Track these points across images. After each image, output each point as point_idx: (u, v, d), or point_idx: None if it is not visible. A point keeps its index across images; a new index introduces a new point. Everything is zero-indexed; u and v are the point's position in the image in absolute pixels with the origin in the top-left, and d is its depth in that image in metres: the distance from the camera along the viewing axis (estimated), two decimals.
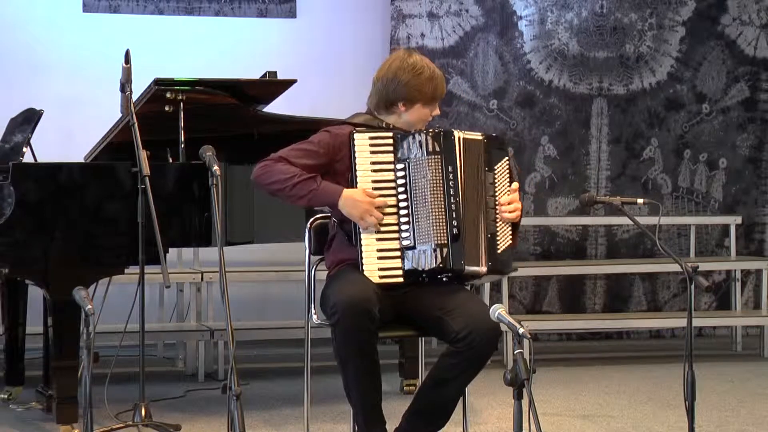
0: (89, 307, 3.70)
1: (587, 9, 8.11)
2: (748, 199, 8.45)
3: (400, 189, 4.47)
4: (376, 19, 8.01)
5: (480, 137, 4.61)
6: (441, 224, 4.45)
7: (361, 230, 4.42)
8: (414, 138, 4.49)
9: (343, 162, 4.54)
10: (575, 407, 5.93)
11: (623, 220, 7.70)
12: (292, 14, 7.86)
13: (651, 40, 8.23)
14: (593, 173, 8.21)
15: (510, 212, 4.58)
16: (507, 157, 4.65)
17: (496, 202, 4.57)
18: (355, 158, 4.47)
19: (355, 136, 4.48)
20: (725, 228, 8.24)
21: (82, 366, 3.61)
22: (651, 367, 7.06)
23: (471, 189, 4.52)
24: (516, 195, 4.61)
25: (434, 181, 4.46)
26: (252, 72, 5.95)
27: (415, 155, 4.47)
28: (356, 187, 4.45)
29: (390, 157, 4.49)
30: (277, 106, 5.91)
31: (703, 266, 7.58)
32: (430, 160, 4.47)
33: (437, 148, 4.48)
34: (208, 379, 6.61)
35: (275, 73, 5.77)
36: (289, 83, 5.71)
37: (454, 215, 4.45)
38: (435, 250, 4.43)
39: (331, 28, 7.89)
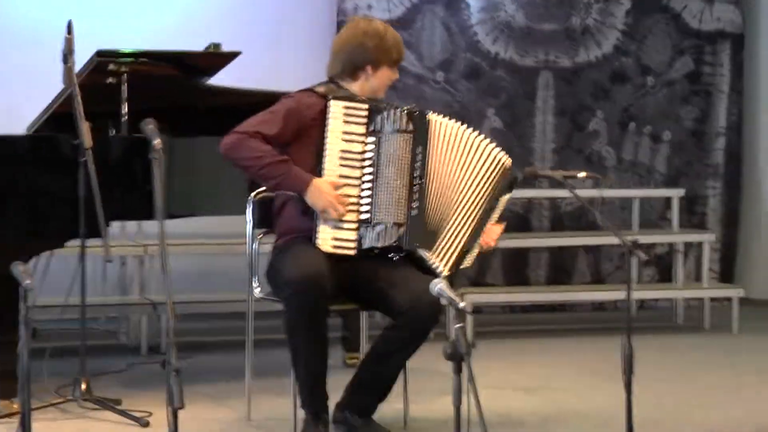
0: (28, 282, 3.68)
1: None
2: (691, 171, 8.51)
3: (367, 162, 4.48)
4: None
5: (509, 162, 4.66)
6: (401, 203, 4.46)
7: (319, 219, 4.42)
8: (388, 113, 4.50)
9: (310, 128, 4.53)
10: (518, 380, 5.96)
11: (567, 193, 7.73)
12: None
13: (597, 12, 8.26)
14: (539, 146, 8.24)
15: (492, 238, 4.64)
16: (510, 195, 4.69)
17: (485, 226, 4.61)
18: (327, 125, 4.47)
19: (331, 102, 4.50)
20: (668, 201, 8.29)
21: (21, 341, 3.58)
22: (594, 340, 7.11)
23: (455, 180, 4.54)
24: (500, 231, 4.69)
25: (401, 160, 4.48)
26: (197, 44, 5.91)
27: (387, 131, 4.48)
28: (324, 154, 4.45)
29: (362, 129, 4.51)
30: (223, 79, 5.88)
31: (646, 239, 7.66)
32: (400, 138, 4.48)
33: (410, 127, 4.50)
34: (151, 353, 6.59)
35: (219, 44, 5.74)
36: (233, 55, 5.68)
37: (416, 196, 4.46)
38: (391, 228, 4.44)
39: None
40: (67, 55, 5.08)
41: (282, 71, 7.46)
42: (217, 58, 5.77)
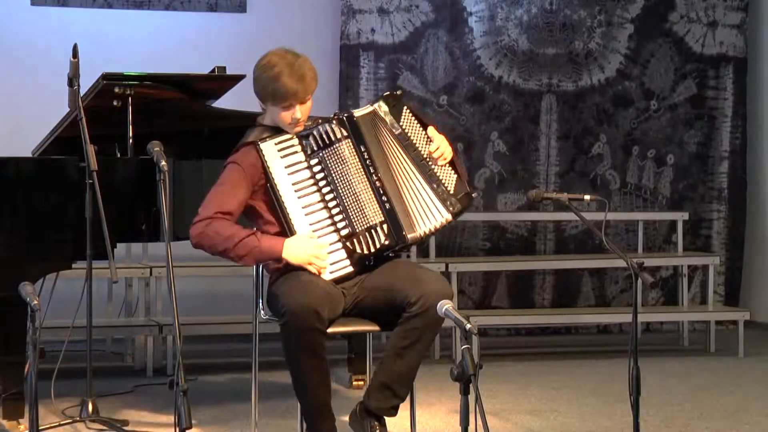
0: (35, 302, 3.68)
1: (537, 5, 8.14)
2: (695, 195, 8.51)
3: (322, 183, 4.51)
4: (326, 14, 8.01)
5: (370, 108, 4.67)
6: (373, 204, 4.51)
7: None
8: (319, 131, 4.54)
9: (261, 181, 4.55)
10: (523, 402, 5.96)
11: (572, 216, 7.70)
12: (242, 8, 7.85)
13: (600, 36, 8.28)
14: (542, 169, 8.25)
15: (441, 156, 4.64)
16: (405, 107, 4.71)
17: (422, 153, 4.62)
18: (268, 167, 4.49)
19: (261, 146, 4.52)
20: (672, 224, 8.30)
21: (29, 362, 3.59)
22: (599, 362, 7.11)
23: (390, 155, 4.60)
24: (437, 137, 4.66)
25: (354, 165, 4.55)
26: (202, 67, 5.94)
27: (327, 147, 4.51)
28: (279, 195, 4.46)
29: (301, 157, 4.54)
30: (227, 102, 5.90)
31: (651, 262, 7.68)
32: (342, 147, 4.53)
33: (345, 133, 4.55)
34: (156, 374, 6.59)
35: (224, 68, 5.75)
36: (237, 78, 5.70)
37: (381, 191, 4.52)
38: (376, 230, 4.48)
39: (282, 23, 7.88)
40: (73, 78, 5.12)
41: None
42: (221, 81, 5.79)
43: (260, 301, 4.71)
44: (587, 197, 4.60)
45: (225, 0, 7.80)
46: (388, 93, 4.76)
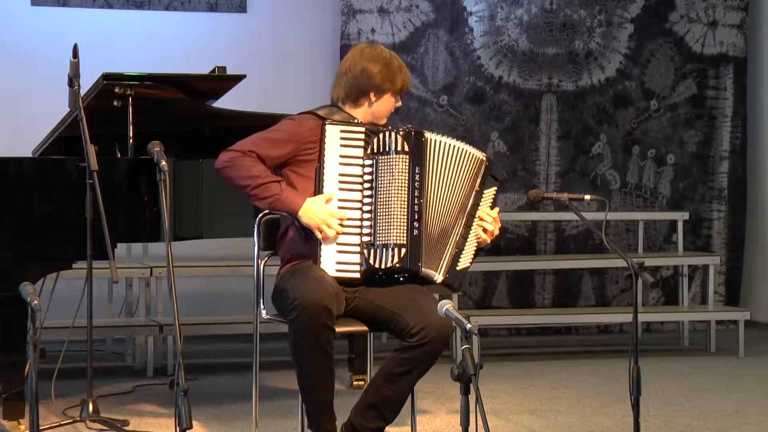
0: (36, 302, 3.69)
1: (537, 5, 8.14)
2: (695, 195, 8.51)
3: (366, 185, 4.47)
4: (326, 14, 8.01)
5: (484, 157, 4.62)
6: (402, 224, 4.45)
7: (321, 243, 4.43)
8: (385, 135, 4.50)
9: (308, 152, 4.55)
10: (523, 402, 5.95)
11: (572, 216, 7.72)
12: (242, 9, 7.85)
13: (600, 36, 8.28)
14: (543, 169, 8.25)
15: (491, 226, 4.59)
16: (496, 188, 4.66)
17: (474, 222, 4.58)
18: (324, 149, 4.48)
19: (327, 127, 4.49)
20: (673, 224, 8.30)
21: (29, 362, 3.59)
22: (599, 362, 7.11)
23: (447, 194, 4.54)
24: (497, 216, 4.64)
25: (400, 181, 4.47)
26: (202, 67, 5.94)
27: (384, 153, 4.48)
28: (322, 178, 4.46)
29: (359, 152, 4.50)
30: (228, 102, 5.90)
31: (651, 262, 7.68)
32: (397, 159, 4.48)
33: (406, 148, 4.49)
34: (157, 375, 6.59)
35: (224, 68, 5.75)
36: (238, 78, 5.70)
37: (416, 216, 4.46)
38: (393, 249, 4.44)
39: (282, 23, 7.88)
40: (73, 78, 5.11)
41: (286, 94, 7.50)
42: (222, 81, 5.78)
43: (260, 300, 4.70)
44: (587, 197, 4.60)
45: (225, 0, 7.80)
46: (491, 163, 4.66)
